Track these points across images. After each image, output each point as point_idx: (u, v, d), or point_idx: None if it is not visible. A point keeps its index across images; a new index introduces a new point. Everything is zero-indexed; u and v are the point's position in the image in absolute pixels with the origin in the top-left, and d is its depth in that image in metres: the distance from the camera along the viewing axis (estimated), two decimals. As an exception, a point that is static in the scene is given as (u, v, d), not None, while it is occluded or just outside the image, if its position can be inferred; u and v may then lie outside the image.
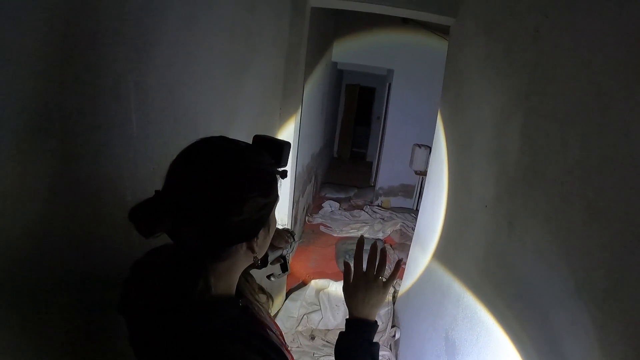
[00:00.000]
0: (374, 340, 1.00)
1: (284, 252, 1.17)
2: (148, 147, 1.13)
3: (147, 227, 0.70)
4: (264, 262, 1.08)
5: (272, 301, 1.02)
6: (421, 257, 3.15)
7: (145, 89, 1.08)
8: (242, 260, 0.80)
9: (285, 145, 0.84)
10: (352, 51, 6.33)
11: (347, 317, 1.01)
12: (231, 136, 0.78)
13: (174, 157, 0.74)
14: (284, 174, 0.82)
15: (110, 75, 0.93)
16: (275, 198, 0.79)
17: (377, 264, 1.03)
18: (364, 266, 1.04)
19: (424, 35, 5.88)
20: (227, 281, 0.80)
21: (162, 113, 1.18)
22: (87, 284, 0.95)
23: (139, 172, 1.10)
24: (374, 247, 1.05)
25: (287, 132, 3.09)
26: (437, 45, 5.61)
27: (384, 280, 1.04)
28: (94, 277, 0.97)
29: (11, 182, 0.71)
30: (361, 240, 1.08)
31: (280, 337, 0.95)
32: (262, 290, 1.01)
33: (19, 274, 0.76)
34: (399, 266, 1.05)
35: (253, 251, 0.78)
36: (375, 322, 1.01)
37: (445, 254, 2.56)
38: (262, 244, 0.81)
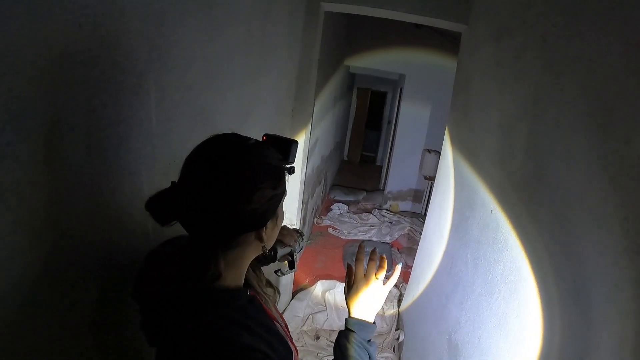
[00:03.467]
0: (377, 341, 1.04)
1: (293, 250, 1.22)
2: (165, 143, 1.17)
3: (162, 215, 0.76)
4: (272, 256, 1.13)
5: (279, 295, 1.07)
6: (427, 262, 3.17)
7: (164, 87, 1.13)
8: (251, 249, 0.84)
9: (293, 143, 0.89)
10: (364, 55, 6.35)
11: (347, 317, 1.07)
12: (245, 135, 0.83)
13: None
14: (291, 170, 0.86)
15: (133, 73, 0.98)
16: (283, 191, 0.83)
17: (377, 267, 1.09)
18: (365, 269, 1.09)
19: (437, 41, 5.89)
20: (237, 270, 0.84)
21: (179, 111, 1.23)
22: (104, 271, 0.99)
23: (156, 167, 1.15)
24: (374, 251, 1.10)
25: (299, 134, 3.14)
26: (449, 51, 5.63)
27: (384, 283, 1.09)
28: (111, 264, 1.01)
29: (41, 171, 0.75)
30: (362, 245, 1.13)
31: (285, 329, 0.99)
32: (269, 284, 1.05)
33: (44, 260, 0.80)
34: (398, 270, 1.11)
35: (261, 240, 0.82)
36: (374, 322, 1.06)
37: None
38: (270, 235, 0.85)
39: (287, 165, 0.86)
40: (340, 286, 4.01)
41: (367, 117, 10.46)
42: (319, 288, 4.01)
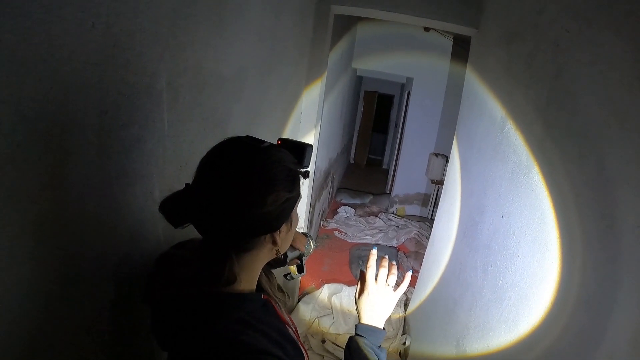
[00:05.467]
0: (384, 346, 1.05)
1: (302, 254, 1.22)
2: (177, 145, 1.17)
3: (176, 217, 0.75)
4: (283, 260, 1.12)
5: (290, 299, 1.07)
6: (435, 266, 3.16)
7: (177, 88, 1.12)
8: (265, 252, 0.83)
9: (308, 147, 0.88)
10: (372, 58, 6.35)
11: (357, 322, 1.07)
12: (255, 137, 0.82)
13: (202, 155, 0.78)
14: (306, 174, 0.86)
15: (145, 74, 0.97)
16: (297, 194, 0.82)
17: (387, 273, 1.08)
18: (376, 275, 1.09)
19: (445, 44, 5.89)
20: (251, 273, 0.83)
21: (191, 112, 1.23)
22: (114, 274, 0.98)
23: (167, 169, 1.15)
24: (384, 258, 1.11)
25: (307, 136, 3.15)
26: (458, 55, 5.61)
27: (394, 290, 1.10)
28: (121, 267, 1.01)
29: (51, 173, 0.74)
30: (372, 251, 1.13)
31: (295, 332, 0.98)
32: (280, 288, 1.05)
33: (52, 263, 0.79)
34: (408, 277, 1.11)
35: (275, 243, 0.81)
36: (384, 328, 1.07)
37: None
38: (284, 238, 0.84)
39: (302, 170, 0.85)
40: (347, 290, 4.00)
41: (373, 120, 10.44)
42: (325, 292, 4.00)
